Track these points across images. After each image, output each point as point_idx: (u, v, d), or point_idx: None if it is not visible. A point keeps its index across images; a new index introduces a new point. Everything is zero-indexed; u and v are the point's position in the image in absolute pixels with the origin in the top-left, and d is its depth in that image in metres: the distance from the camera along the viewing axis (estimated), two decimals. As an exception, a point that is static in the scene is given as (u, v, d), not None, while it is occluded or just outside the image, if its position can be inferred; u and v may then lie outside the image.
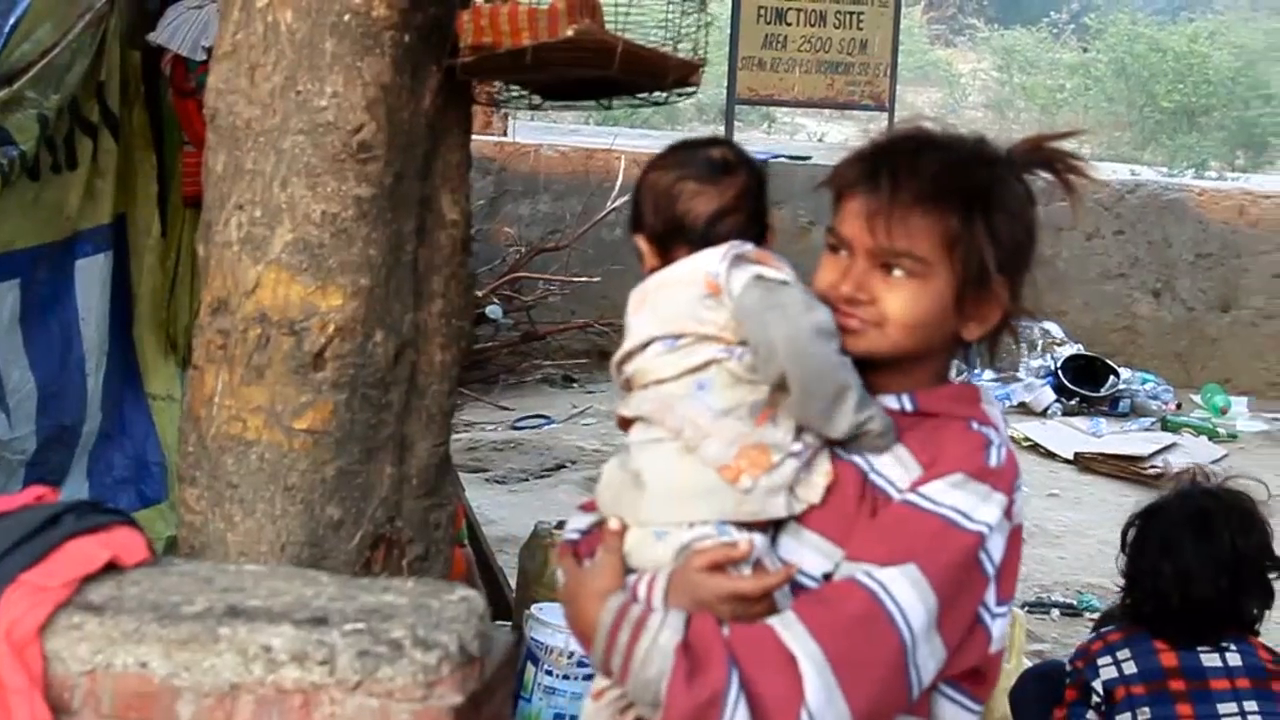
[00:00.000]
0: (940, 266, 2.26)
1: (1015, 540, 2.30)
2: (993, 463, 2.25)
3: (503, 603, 5.74)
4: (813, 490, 2.28)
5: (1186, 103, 26.95)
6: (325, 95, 3.08)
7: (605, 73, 3.16)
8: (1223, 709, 3.76)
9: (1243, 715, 3.75)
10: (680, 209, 2.44)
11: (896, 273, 2.26)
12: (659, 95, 3.47)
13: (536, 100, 3.59)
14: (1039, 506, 8.90)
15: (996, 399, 8.86)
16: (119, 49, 4.96)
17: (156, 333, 5.31)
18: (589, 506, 2.53)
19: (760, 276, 2.30)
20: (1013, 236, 2.29)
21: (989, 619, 2.26)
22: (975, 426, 2.29)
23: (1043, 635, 6.74)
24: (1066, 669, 3.99)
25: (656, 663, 2.12)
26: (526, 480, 8.82)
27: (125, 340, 5.24)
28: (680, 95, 3.46)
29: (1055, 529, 8.54)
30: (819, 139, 23.80)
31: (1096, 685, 3.85)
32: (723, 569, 2.22)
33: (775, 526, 2.30)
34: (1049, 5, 31.49)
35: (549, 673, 4.63)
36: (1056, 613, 7.19)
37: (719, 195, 2.43)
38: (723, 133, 13.13)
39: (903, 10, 13.83)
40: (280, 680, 2.07)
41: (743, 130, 20.54)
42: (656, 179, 2.49)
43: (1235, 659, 3.83)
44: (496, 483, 8.84)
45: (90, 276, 5.05)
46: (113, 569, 2.32)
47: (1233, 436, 11.01)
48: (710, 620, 2.16)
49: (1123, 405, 11.21)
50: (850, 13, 12.81)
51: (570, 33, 3.06)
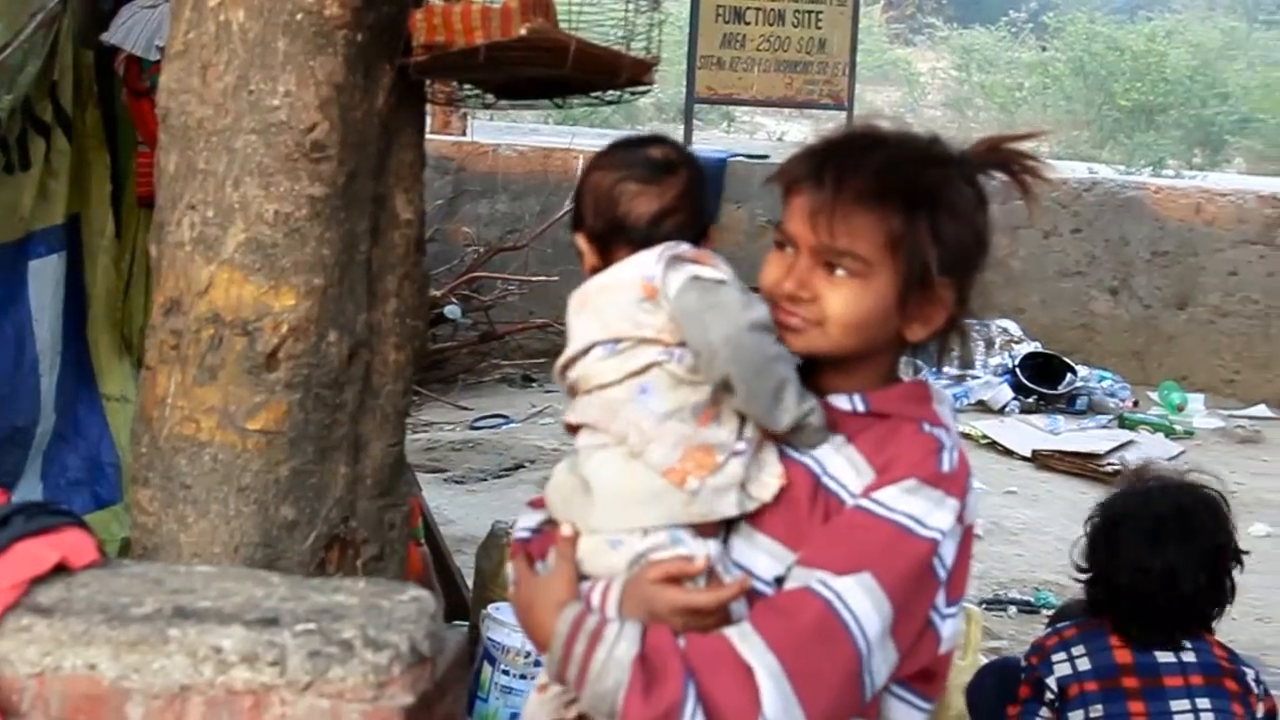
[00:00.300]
0: (882, 266, 2.25)
1: (966, 541, 2.30)
2: (945, 468, 2.25)
3: (460, 603, 5.74)
4: (765, 489, 2.27)
5: (1144, 101, 27.06)
6: (278, 95, 3.06)
7: (558, 72, 3.16)
8: (1175, 706, 3.76)
9: (1195, 713, 3.76)
10: (621, 210, 2.43)
11: (839, 272, 2.25)
12: (613, 94, 3.46)
13: (490, 99, 3.58)
14: (996, 504, 8.94)
15: (953, 395, 8.85)
16: (72, 49, 4.93)
17: (111, 333, 5.28)
18: (538, 503, 2.52)
19: (696, 277, 2.29)
20: (958, 238, 2.27)
21: (939, 621, 2.26)
22: (927, 428, 2.29)
23: (999, 632, 6.76)
24: (1021, 665, 4.00)
25: (613, 675, 2.12)
26: (485, 480, 8.81)
27: (79, 341, 5.21)
28: (634, 94, 3.45)
29: (1013, 526, 8.57)
30: (778, 138, 23.85)
31: (1051, 682, 3.85)
32: (677, 581, 2.21)
33: (727, 529, 2.30)
34: (1007, 4, 31.61)
35: (505, 672, 4.63)
36: (1014, 609, 7.22)
37: (660, 196, 2.43)
38: (682, 131, 13.16)
39: (862, 9, 13.85)
40: (230, 681, 2.06)
41: (702, 129, 20.54)
42: (598, 179, 2.48)
43: (1190, 656, 3.83)
44: (455, 483, 8.84)
45: (44, 277, 5.02)
46: (62, 571, 2.30)
47: (1189, 433, 11.08)
48: (666, 632, 2.16)
49: (1080, 403, 11.27)
50: (809, 12, 12.86)
51: (523, 31, 3.05)
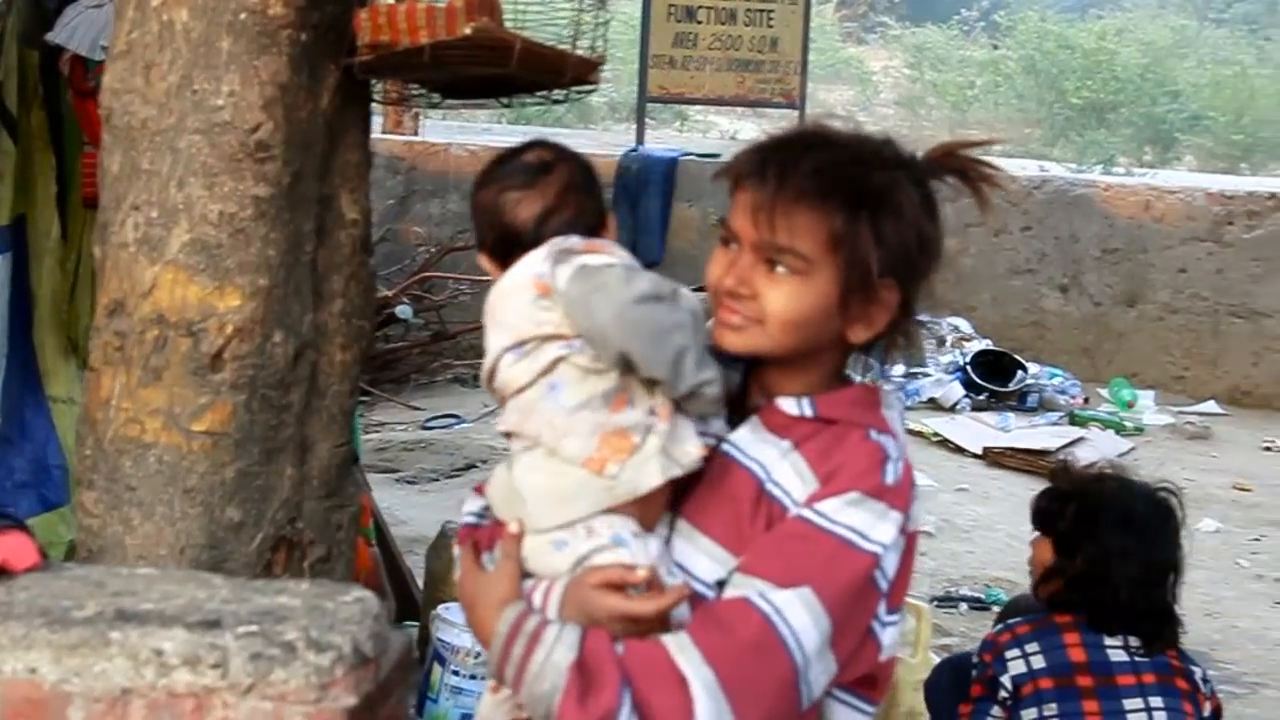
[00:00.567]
0: (823, 265, 2.23)
1: (909, 549, 2.29)
2: (889, 480, 2.23)
3: (411, 603, 5.72)
4: (687, 455, 2.27)
5: (1095, 99, 27.22)
6: (222, 94, 3.06)
7: (504, 71, 3.16)
8: (1129, 704, 3.78)
9: (1148, 711, 3.77)
10: (507, 219, 2.46)
11: (780, 269, 2.24)
12: (559, 93, 3.46)
13: (436, 99, 3.58)
14: (947, 501, 8.96)
15: (904, 393, 8.84)
16: (17, 49, 4.91)
17: (57, 335, 5.25)
18: (482, 489, 2.52)
19: (584, 266, 2.29)
20: (901, 241, 2.25)
21: (880, 630, 2.26)
22: (874, 436, 2.27)
23: (950, 629, 6.77)
24: (974, 662, 4.00)
25: (550, 679, 2.12)
26: (437, 480, 8.79)
27: (25, 343, 5.18)
28: (579, 93, 3.45)
29: (964, 524, 8.60)
30: (731, 137, 23.86)
31: (1005, 680, 3.85)
32: (618, 587, 2.21)
33: (669, 528, 2.31)
34: (959, 3, 31.74)
35: (456, 673, 4.62)
36: (964, 606, 7.23)
37: (541, 197, 2.45)
38: (635, 131, 13.15)
39: (814, 8, 13.88)
40: (172, 684, 2.05)
41: (655, 128, 20.56)
42: (482, 196, 2.51)
43: (1142, 655, 3.85)
44: (407, 483, 8.81)
45: (-11, 278, 5.00)
46: (2, 574, 2.29)
47: (1139, 430, 11.12)
48: (605, 637, 2.15)
49: (1031, 400, 11.30)
50: (760, 11, 12.88)
51: (468, 31, 3.05)
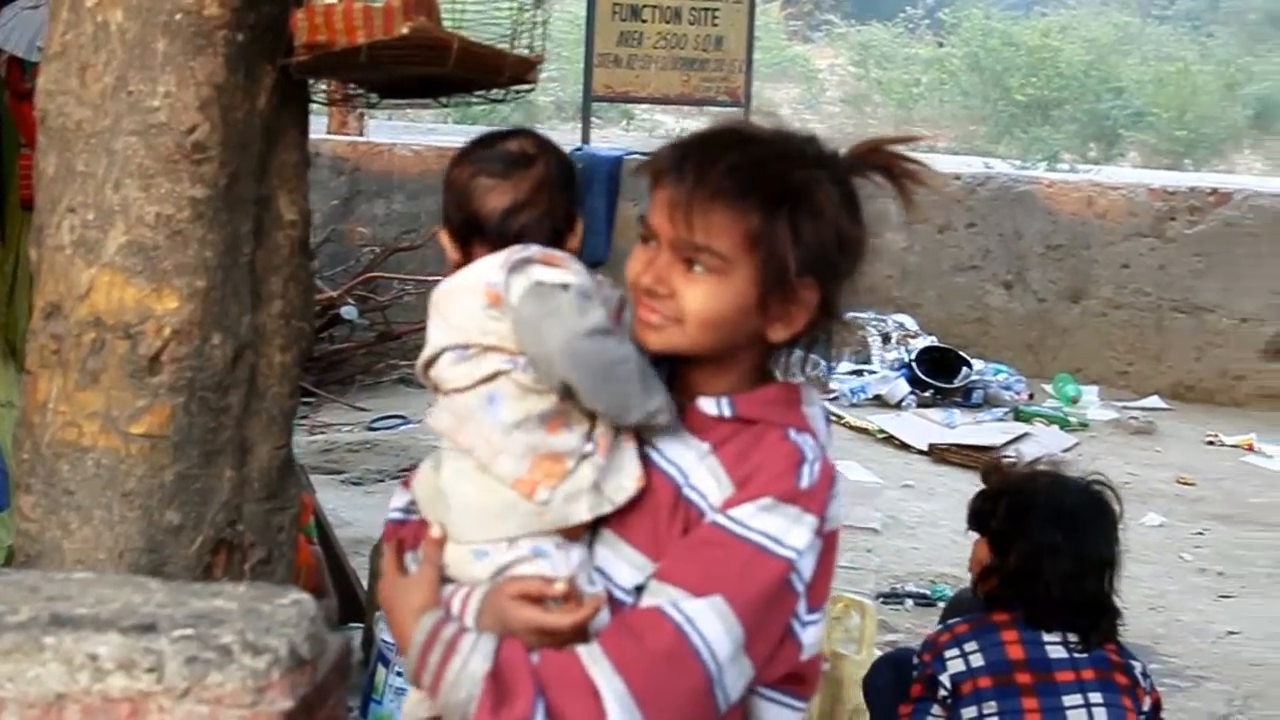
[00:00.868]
0: (741, 264, 2.22)
1: (830, 547, 2.29)
2: (804, 483, 2.22)
3: (355, 604, 5.71)
4: (620, 491, 2.27)
5: (1039, 96, 27.37)
6: (158, 95, 3.04)
7: (441, 70, 3.15)
8: (1068, 701, 3.80)
9: (1088, 708, 3.80)
10: (475, 204, 2.44)
11: (697, 268, 2.23)
12: (498, 93, 3.46)
13: (374, 99, 3.57)
14: (893, 498, 9.00)
15: (850, 390, 8.88)
16: (-48, 51, 4.88)
17: (-5, 338, 5.23)
18: (410, 483, 2.52)
19: (539, 283, 2.28)
20: (820, 240, 2.23)
21: (800, 629, 2.26)
22: (793, 435, 2.26)
23: (896, 625, 6.80)
24: (914, 662, 4.02)
25: (465, 688, 2.13)
26: (383, 481, 8.75)
27: (-36, 346, 5.16)
28: (518, 93, 3.45)
29: (909, 520, 8.63)
30: (677, 135, 23.85)
31: (944, 679, 3.87)
32: (536, 599, 2.21)
33: (593, 533, 2.31)
34: (905, 1, 31.83)
35: (400, 674, 4.61)
36: (910, 603, 7.27)
37: (513, 189, 2.43)
38: (580, 130, 13.14)
39: (760, 7, 13.92)
40: (107, 689, 2.04)
41: (601, 127, 20.59)
42: (455, 174, 2.50)
43: (1081, 651, 3.87)
44: (352, 484, 8.79)
45: (-73, 282, 4.97)
46: (-63, 580, 2.27)
47: (1084, 425, 11.19)
48: (520, 647, 2.16)
49: (976, 396, 11.35)
50: (705, 9, 12.89)
51: (405, 30, 3.04)
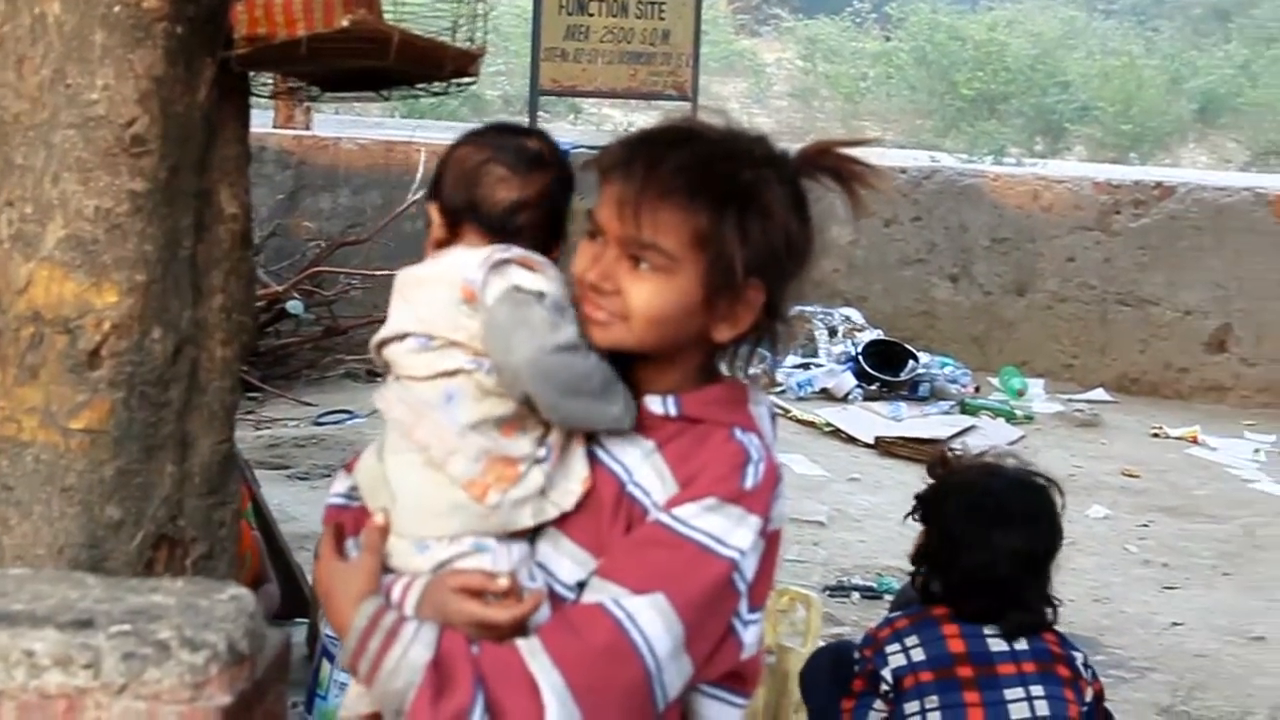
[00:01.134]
0: (687, 263, 2.23)
1: (772, 547, 2.30)
2: (748, 484, 2.23)
3: (301, 599, 5.69)
4: (568, 496, 2.28)
5: (986, 90, 27.55)
6: (96, 88, 3.02)
7: (382, 63, 3.14)
8: (1009, 694, 3.80)
9: (1029, 700, 3.80)
10: (481, 190, 2.41)
11: (643, 265, 2.23)
12: (439, 86, 3.45)
13: (315, 92, 3.56)
14: (840, 491, 9.03)
15: (797, 384, 8.88)
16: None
17: (-63, 333, 5.17)
18: (352, 468, 2.51)
19: (516, 288, 2.27)
20: (767, 241, 2.25)
21: (741, 628, 2.27)
22: (738, 435, 2.27)
23: (843, 618, 6.83)
24: (855, 657, 4.02)
25: (404, 676, 2.13)
26: (329, 476, 8.71)
27: (-96, 341, 5.11)
28: (460, 86, 3.44)
29: (855, 513, 8.66)
30: (625, 129, 23.89)
31: (886, 674, 3.87)
32: (477, 593, 2.21)
33: (534, 530, 2.30)
34: (852, -5, 31.97)
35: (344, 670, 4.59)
36: (857, 595, 7.30)
37: (523, 186, 2.41)
38: (527, 124, 13.13)
39: (707, 1, 13.91)
40: (44, 685, 2.03)
41: (549, 121, 20.60)
42: (466, 154, 2.45)
43: (1022, 643, 3.88)
44: (299, 479, 8.77)
45: None
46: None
47: (1029, 418, 11.25)
48: (461, 639, 2.16)
49: (922, 389, 11.38)
50: (652, 3, 12.90)
51: (345, 23, 3.03)
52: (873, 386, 11.29)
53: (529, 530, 2.29)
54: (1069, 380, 12.49)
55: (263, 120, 13.40)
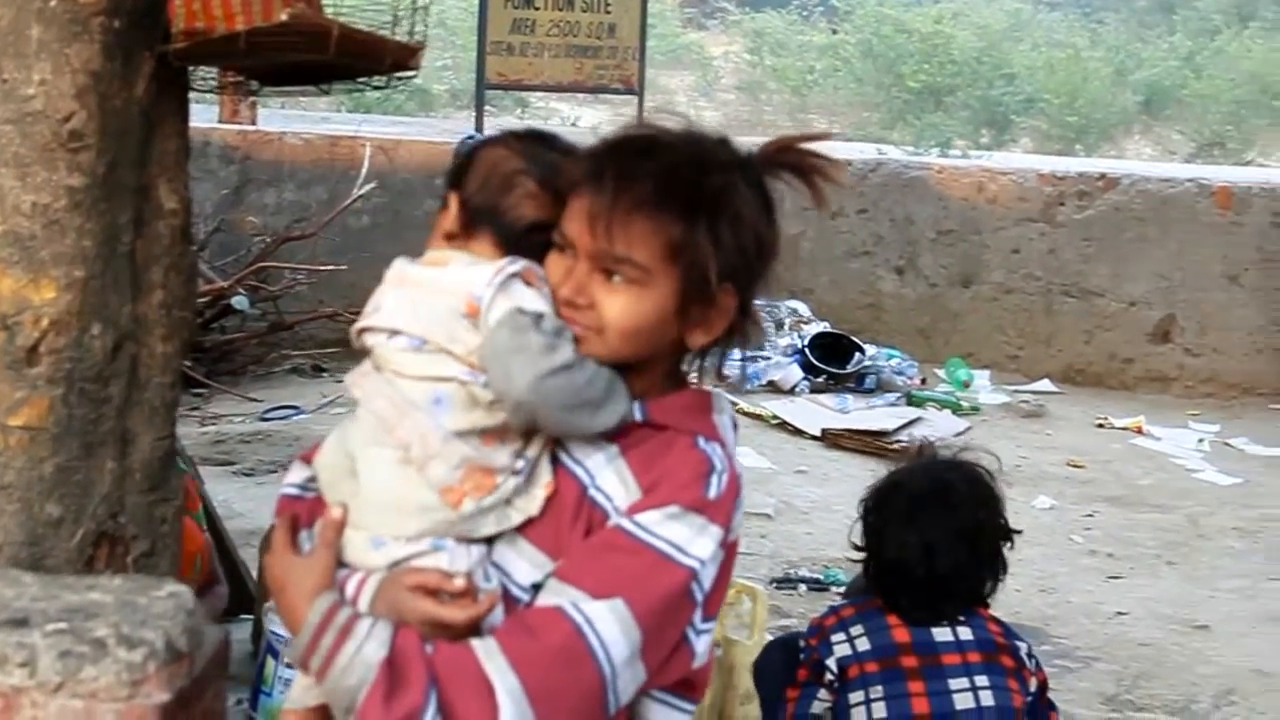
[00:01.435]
0: (661, 274, 2.23)
1: (730, 556, 2.31)
2: (711, 494, 2.24)
3: (245, 596, 5.67)
4: (532, 502, 2.27)
5: (932, 83, 27.63)
6: (33, 83, 3.00)
7: (322, 57, 3.12)
8: (954, 684, 3.82)
9: (974, 690, 3.82)
10: (509, 200, 2.37)
11: (616, 279, 2.23)
12: (379, 80, 3.44)
13: (255, 86, 3.54)
14: (787, 484, 9.03)
15: (748, 376, 8.84)
16: None
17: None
18: (309, 458, 2.48)
19: (519, 310, 2.24)
20: (739, 245, 2.26)
21: (695, 637, 2.27)
22: (702, 444, 2.28)
23: (790, 610, 6.82)
24: (800, 645, 4.03)
25: (358, 673, 2.11)
26: (275, 472, 8.67)
27: None
28: (400, 79, 3.43)
29: (803, 505, 8.66)
30: (572, 123, 23.89)
31: (830, 663, 3.88)
32: (433, 592, 2.20)
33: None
34: (798, -13, 32.03)
35: (289, 665, 4.58)
36: (804, 588, 7.29)
37: (550, 208, 2.34)
38: (474, 118, 13.10)
39: (652, -6, 13.92)
40: (-20, 684, 2.02)
41: (496, 115, 20.55)
42: (502, 156, 2.41)
43: (966, 633, 3.90)
44: (244, 475, 8.72)
45: None
46: None
47: (975, 409, 11.28)
48: (415, 638, 2.15)
49: (869, 381, 11.39)
50: (598, -4, 12.90)
51: (284, 17, 3.02)
52: (819, 379, 11.29)
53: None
54: (1014, 371, 12.53)
55: (207, 115, 13.33)
